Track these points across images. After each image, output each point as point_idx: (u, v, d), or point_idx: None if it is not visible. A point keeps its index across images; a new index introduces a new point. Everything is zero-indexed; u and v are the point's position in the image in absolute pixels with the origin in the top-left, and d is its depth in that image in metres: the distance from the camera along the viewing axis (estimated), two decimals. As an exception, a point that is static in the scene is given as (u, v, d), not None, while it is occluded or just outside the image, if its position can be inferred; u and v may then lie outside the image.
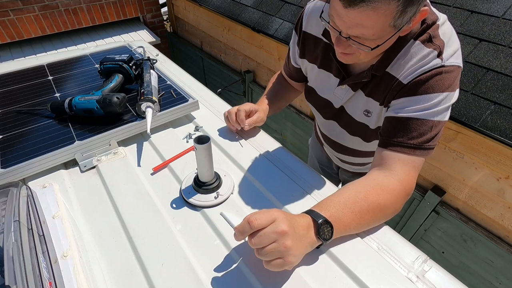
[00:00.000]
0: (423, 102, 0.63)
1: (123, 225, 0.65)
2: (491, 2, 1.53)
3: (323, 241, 0.54)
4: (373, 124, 0.79)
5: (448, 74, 0.62)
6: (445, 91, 0.62)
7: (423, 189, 1.80)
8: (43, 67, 1.19)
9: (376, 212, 0.60)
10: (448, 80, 0.62)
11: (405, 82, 0.65)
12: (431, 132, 0.64)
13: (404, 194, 0.63)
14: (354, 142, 0.90)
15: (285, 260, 0.49)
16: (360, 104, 0.79)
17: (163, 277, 0.55)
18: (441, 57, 0.62)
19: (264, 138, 0.91)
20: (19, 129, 0.85)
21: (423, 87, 0.63)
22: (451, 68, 0.62)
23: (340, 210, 0.57)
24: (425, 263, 0.57)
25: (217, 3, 2.78)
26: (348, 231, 0.59)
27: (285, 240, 0.49)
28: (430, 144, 0.64)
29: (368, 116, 0.79)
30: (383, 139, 0.69)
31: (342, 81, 0.79)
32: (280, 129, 2.83)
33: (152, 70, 1.01)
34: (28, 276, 0.44)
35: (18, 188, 0.60)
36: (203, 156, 0.65)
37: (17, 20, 2.98)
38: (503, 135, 1.27)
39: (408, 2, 0.52)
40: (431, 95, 0.62)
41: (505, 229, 1.54)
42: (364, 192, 0.61)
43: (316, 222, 0.54)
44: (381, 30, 0.56)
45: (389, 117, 0.68)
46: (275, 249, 0.49)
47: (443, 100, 0.63)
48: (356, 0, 0.52)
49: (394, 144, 0.65)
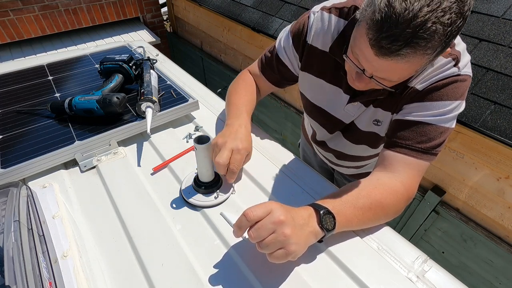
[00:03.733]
0: (437, 108, 0.63)
1: (123, 225, 0.65)
2: (491, 2, 1.53)
3: (326, 231, 0.54)
4: (383, 132, 0.78)
5: (462, 83, 0.62)
6: (458, 99, 0.63)
7: (423, 189, 1.80)
8: (43, 67, 1.19)
9: (378, 211, 0.60)
10: (462, 89, 0.63)
11: (420, 89, 0.65)
12: (440, 139, 0.64)
13: (406, 198, 0.63)
14: (359, 149, 0.89)
15: (287, 250, 0.49)
16: (367, 115, 0.77)
17: (163, 277, 0.55)
18: (457, 66, 0.62)
19: (264, 138, 0.91)
20: (19, 129, 0.85)
21: (438, 94, 0.63)
22: (465, 77, 0.63)
23: (342, 204, 0.57)
24: (425, 263, 0.57)
25: (217, 3, 2.78)
26: (349, 226, 0.59)
27: (283, 229, 0.48)
28: (437, 150, 0.65)
29: (378, 125, 0.77)
30: (390, 140, 0.68)
31: (354, 98, 0.75)
32: (280, 129, 2.83)
33: (152, 70, 1.01)
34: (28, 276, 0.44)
35: (18, 188, 0.60)
36: (203, 156, 0.65)
37: (17, 20, 2.98)
38: (503, 135, 1.27)
39: (440, 51, 0.51)
40: (446, 102, 0.63)
41: (505, 229, 1.54)
42: (367, 190, 0.61)
43: (318, 212, 0.54)
44: (408, 75, 0.57)
45: (399, 120, 0.67)
46: (275, 240, 0.48)
47: (455, 108, 0.63)
48: (392, 53, 0.49)
49: (402, 146, 0.65)
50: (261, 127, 0.94)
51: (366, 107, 0.75)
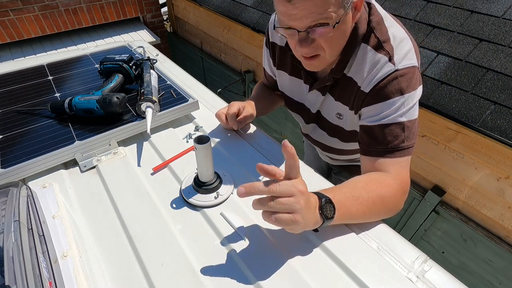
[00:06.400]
0: (386, 108, 0.66)
1: (123, 225, 0.65)
2: (491, 2, 1.53)
3: (325, 218, 0.55)
4: (347, 126, 0.83)
5: (403, 77, 0.65)
6: (404, 93, 0.65)
7: (423, 189, 1.80)
8: (43, 67, 1.19)
9: (376, 202, 0.61)
10: (405, 82, 0.65)
11: (367, 91, 0.69)
12: (404, 133, 0.67)
13: (401, 191, 0.65)
14: (334, 142, 0.93)
15: (294, 217, 0.50)
16: (332, 108, 0.83)
17: (163, 277, 0.55)
18: (392, 61, 0.65)
19: (264, 138, 0.91)
20: (19, 129, 0.85)
21: (382, 94, 0.66)
22: (405, 71, 0.65)
23: (341, 194, 0.59)
24: (425, 263, 0.57)
25: (217, 3, 2.78)
26: (349, 217, 0.60)
27: (301, 198, 0.51)
28: (407, 143, 0.67)
29: (340, 119, 0.83)
30: (363, 147, 0.72)
31: (311, 87, 0.83)
32: (280, 129, 2.83)
33: (152, 70, 1.01)
34: (28, 276, 0.44)
35: (18, 188, 0.60)
36: (203, 156, 0.65)
37: (17, 20, 2.98)
38: (503, 135, 1.27)
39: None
40: (391, 100, 0.66)
41: (505, 229, 1.54)
42: (363, 183, 0.64)
43: (320, 200, 0.56)
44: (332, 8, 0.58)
45: (362, 126, 0.72)
46: (290, 203, 0.50)
47: (405, 101, 0.66)
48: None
49: (374, 152, 0.69)
50: (261, 127, 0.95)
51: (324, 96, 0.82)
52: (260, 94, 1.05)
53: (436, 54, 1.55)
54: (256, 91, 1.06)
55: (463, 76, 1.44)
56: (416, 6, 1.74)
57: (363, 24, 0.68)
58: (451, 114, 1.40)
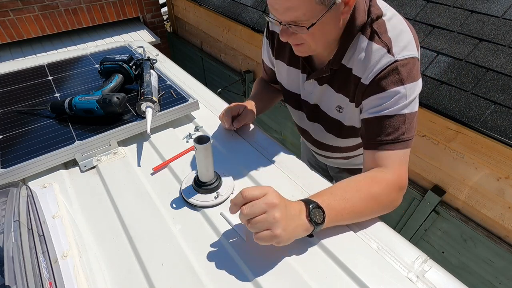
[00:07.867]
0: (387, 99, 0.66)
1: (123, 225, 0.65)
2: (491, 2, 1.53)
3: (315, 224, 0.55)
4: (346, 120, 0.82)
5: (403, 68, 0.64)
6: (405, 83, 0.65)
7: (423, 189, 1.80)
8: (43, 67, 1.19)
9: (369, 201, 0.62)
10: (405, 73, 0.65)
11: (367, 83, 0.68)
12: (405, 125, 0.67)
13: (397, 186, 0.65)
14: (330, 138, 0.93)
15: (273, 232, 0.51)
16: (333, 100, 0.82)
17: (163, 277, 0.55)
18: (391, 52, 0.64)
19: (264, 138, 0.91)
20: (19, 129, 0.85)
21: (383, 85, 0.66)
22: (405, 61, 0.64)
23: (331, 197, 0.60)
24: (425, 263, 0.57)
25: (217, 3, 2.78)
26: (340, 219, 0.60)
27: (274, 211, 0.51)
28: (407, 136, 0.67)
29: (340, 112, 0.81)
30: (365, 141, 0.72)
31: (308, 76, 0.82)
32: (280, 129, 2.83)
33: (152, 70, 1.01)
34: (28, 276, 0.44)
35: (18, 188, 0.60)
36: (203, 156, 0.65)
37: (17, 20, 2.98)
38: (503, 135, 1.27)
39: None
40: (392, 90, 0.65)
41: (505, 229, 1.54)
42: (355, 182, 0.64)
43: (307, 206, 0.56)
44: (310, 8, 0.59)
45: (363, 119, 0.72)
46: (264, 220, 0.51)
47: (406, 92, 0.65)
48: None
49: (375, 144, 0.69)
50: (261, 127, 0.95)
51: (320, 85, 0.81)
52: (259, 92, 1.05)
53: (436, 54, 1.55)
54: (256, 89, 1.06)
55: (463, 76, 1.44)
56: (416, 6, 1.74)
57: (362, 15, 0.67)
58: (451, 114, 1.40)
